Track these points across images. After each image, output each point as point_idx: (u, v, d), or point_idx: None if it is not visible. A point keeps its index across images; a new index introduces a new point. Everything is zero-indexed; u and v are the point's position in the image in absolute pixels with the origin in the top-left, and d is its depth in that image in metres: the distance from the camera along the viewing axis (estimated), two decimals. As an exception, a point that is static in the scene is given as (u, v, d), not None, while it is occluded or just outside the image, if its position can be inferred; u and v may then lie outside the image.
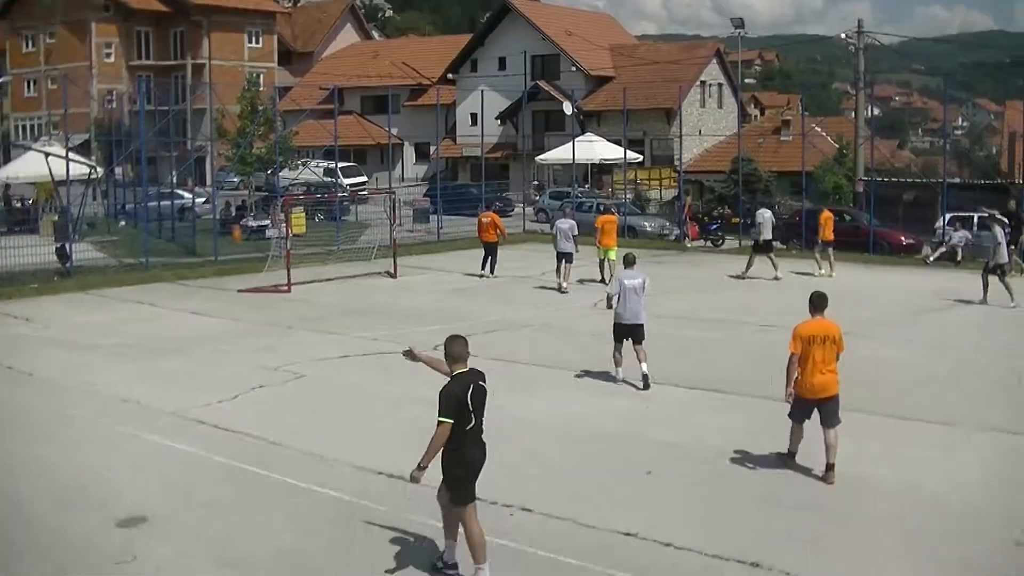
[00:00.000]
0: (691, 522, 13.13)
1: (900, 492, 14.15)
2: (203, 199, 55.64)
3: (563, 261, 33.82)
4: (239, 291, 33.22)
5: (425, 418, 17.51)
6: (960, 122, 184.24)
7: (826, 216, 37.99)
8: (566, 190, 59.51)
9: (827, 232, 37.39)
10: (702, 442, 16.53)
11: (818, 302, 15.59)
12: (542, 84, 78.44)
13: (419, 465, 11.37)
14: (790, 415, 15.33)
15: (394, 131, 71.56)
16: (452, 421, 11.11)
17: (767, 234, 36.72)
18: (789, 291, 32.93)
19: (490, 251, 36.69)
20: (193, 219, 46.54)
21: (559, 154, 64.97)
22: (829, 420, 15.02)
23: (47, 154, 45.34)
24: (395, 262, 36.79)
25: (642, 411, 18.48)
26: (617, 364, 21.11)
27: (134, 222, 50.89)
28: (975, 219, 41.84)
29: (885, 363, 22.52)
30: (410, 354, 12.62)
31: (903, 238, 43.56)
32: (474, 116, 75.29)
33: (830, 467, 14.81)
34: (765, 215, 37.37)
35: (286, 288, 32.93)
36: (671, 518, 13.25)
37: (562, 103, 72.76)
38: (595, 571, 11.78)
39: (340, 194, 51.78)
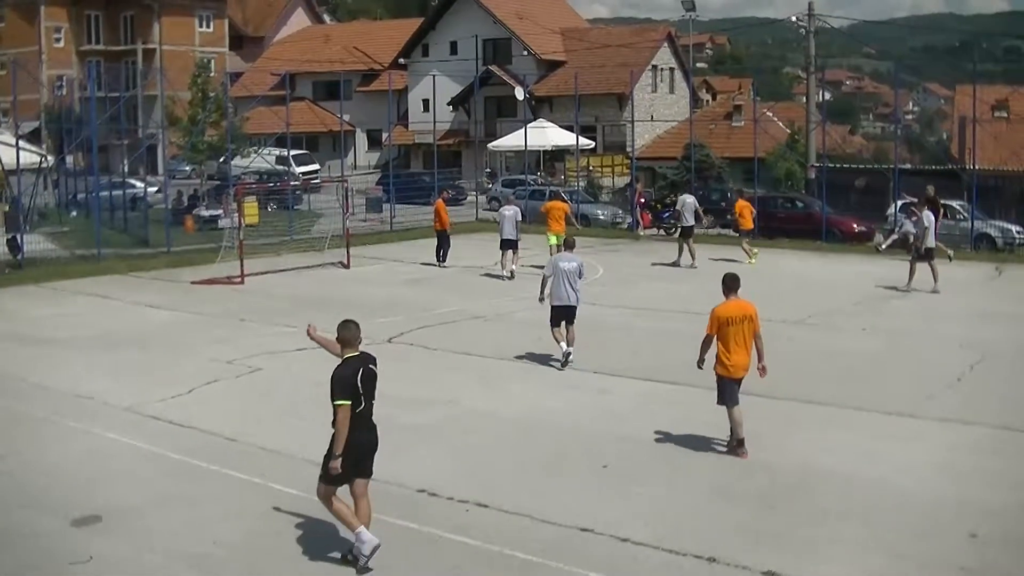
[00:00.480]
0: (649, 516, 13.17)
1: (858, 485, 14.23)
2: (155, 188, 55.26)
3: (508, 249, 33.79)
4: (192, 283, 33.05)
5: (379, 412, 17.54)
6: (911, 107, 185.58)
7: (742, 204, 38.99)
8: (519, 177, 59.44)
9: (747, 221, 38.30)
10: (659, 435, 16.59)
11: (731, 283, 16.14)
12: (494, 69, 78.28)
13: (333, 455, 11.69)
14: (723, 402, 15.80)
15: (346, 117, 71.54)
16: (350, 403, 11.47)
17: (689, 220, 37.14)
18: (743, 279, 33.08)
19: (440, 239, 36.73)
20: (145, 209, 46.23)
21: (511, 141, 65.02)
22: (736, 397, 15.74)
23: (-3, 143, 44.97)
24: (348, 252, 36.69)
25: (599, 404, 18.53)
26: (559, 340, 21.50)
27: (86, 212, 50.48)
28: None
29: (839, 353, 22.70)
30: (309, 333, 12.88)
31: (855, 225, 43.75)
32: (426, 102, 75.08)
33: (741, 442, 15.54)
34: (687, 201, 37.96)
35: (239, 280, 32.79)
36: (629, 513, 13.29)
37: (514, 88, 72.76)
38: (553, 567, 11.80)
39: (293, 183, 51.49)
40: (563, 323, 21.50)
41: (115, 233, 45.20)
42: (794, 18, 55.14)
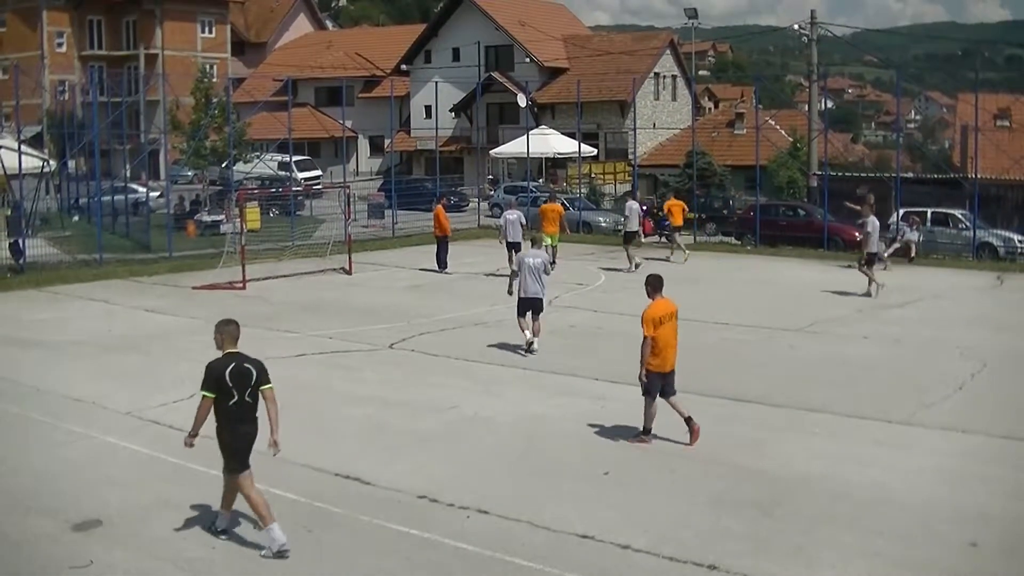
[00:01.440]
0: (648, 523, 13.16)
1: (857, 492, 14.22)
2: (157, 193, 55.27)
3: (513, 251, 33.69)
4: (193, 288, 33.04)
5: (380, 417, 17.57)
6: (913, 115, 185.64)
7: (672, 203, 40.81)
8: (521, 184, 59.46)
9: (676, 218, 39.99)
10: (659, 442, 16.55)
11: (657, 284, 16.68)
12: (496, 76, 78.20)
13: (189, 433, 12.67)
14: (647, 393, 16.30)
15: (348, 123, 71.44)
16: (212, 395, 12.38)
17: (633, 226, 38.07)
18: (742, 288, 33.14)
19: (440, 245, 36.78)
20: (147, 214, 46.22)
21: (513, 147, 65.06)
22: (673, 390, 16.58)
23: (-1, 147, 45.01)
24: (350, 258, 36.69)
25: (598, 411, 18.49)
26: (523, 329, 23.57)
27: (87, 217, 50.50)
28: (928, 214, 42.24)
29: (840, 360, 22.70)
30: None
31: (857, 234, 43.64)
32: (428, 108, 75.02)
33: (689, 419, 16.46)
34: (632, 207, 38.79)
35: (241, 285, 32.80)
36: (628, 520, 13.28)
37: (516, 95, 72.75)
38: (552, 573, 11.79)
39: (294, 188, 51.49)
40: (529, 314, 23.45)
41: (116, 238, 45.23)
42: (796, 26, 55.07)
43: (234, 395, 12.45)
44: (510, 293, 24.53)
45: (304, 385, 20.60)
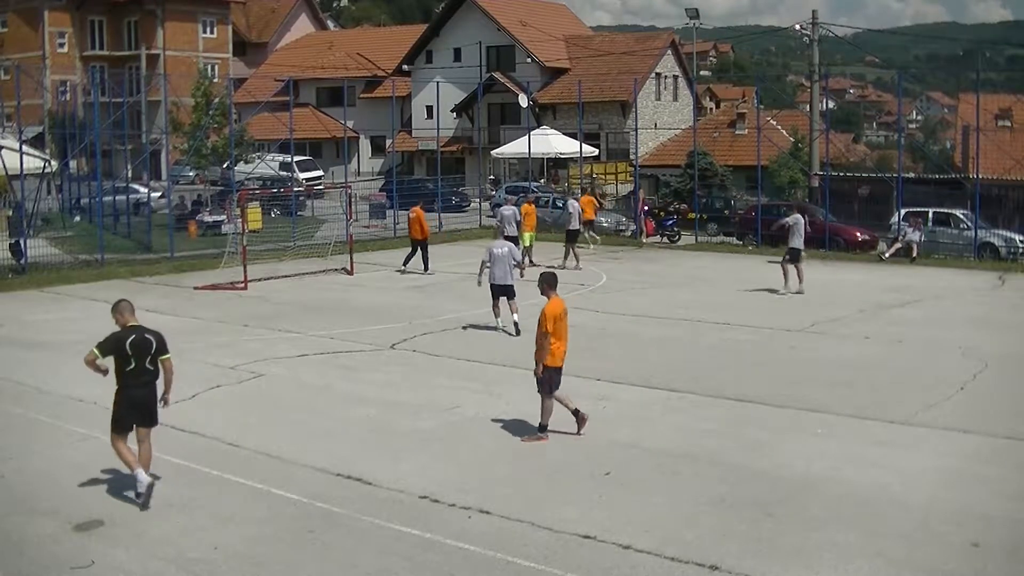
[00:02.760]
0: (650, 524, 13.15)
1: (858, 493, 14.20)
2: (158, 194, 55.27)
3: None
4: (195, 288, 33.08)
5: (382, 418, 17.58)
6: (914, 115, 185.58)
7: (586, 199, 42.15)
8: (523, 184, 59.46)
9: (588, 212, 41.47)
10: (661, 443, 16.57)
11: (552, 281, 17.47)
12: (497, 76, 78.16)
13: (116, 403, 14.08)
14: (545, 390, 16.65)
15: (350, 124, 71.39)
16: (99, 354, 13.91)
17: (575, 224, 38.40)
18: (738, 288, 33.11)
19: (417, 248, 36.78)
20: (148, 214, 46.23)
21: (515, 148, 65.09)
22: (559, 384, 16.98)
23: (0, 147, 44.98)
24: (351, 258, 36.70)
25: (600, 411, 18.48)
26: (496, 315, 25.84)
27: (89, 217, 50.51)
28: (930, 214, 42.25)
29: (842, 361, 22.69)
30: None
31: (858, 234, 43.71)
32: (429, 109, 74.93)
33: (577, 410, 16.92)
34: (575, 206, 39.24)
35: (242, 285, 32.82)
36: (630, 520, 13.27)
37: (518, 95, 72.72)
38: (553, 574, 11.78)
39: (296, 189, 51.49)
40: (503, 299, 25.44)
41: (118, 238, 45.26)
42: (798, 26, 55.06)
43: (132, 362, 13.92)
44: (479, 283, 26.38)
45: (305, 385, 20.66)
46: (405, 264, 36.55)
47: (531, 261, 35.82)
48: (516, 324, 25.08)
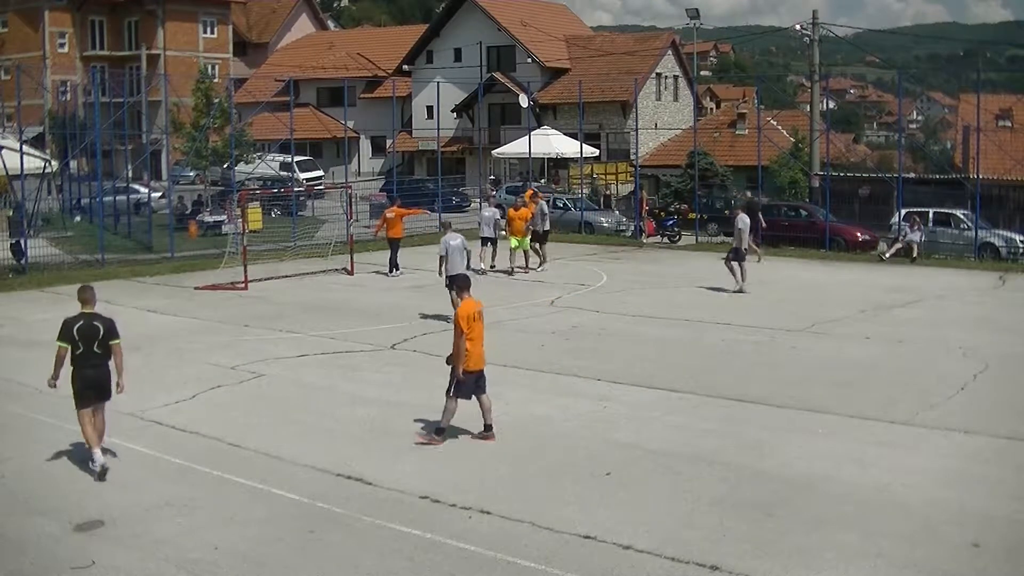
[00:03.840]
0: (650, 524, 13.15)
1: (859, 493, 14.21)
2: (159, 194, 55.26)
3: (484, 245, 36.86)
4: (196, 288, 33.09)
5: (382, 418, 17.60)
6: (915, 116, 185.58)
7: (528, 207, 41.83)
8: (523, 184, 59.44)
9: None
10: (661, 443, 16.57)
11: (466, 284, 17.38)
12: (498, 76, 78.11)
13: (51, 376, 15.26)
14: (459, 393, 16.55)
15: (350, 124, 71.37)
16: (66, 345, 15.11)
17: (486, 232, 38.02)
18: (739, 288, 33.12)
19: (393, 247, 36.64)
20: (149, 214, 46.22)
21: (515, 148, 65.05)
22: (485, 387, 16.91)
23: (0, 148, 44.96)
24: (352, 259, 36.69)
25: (601, 411, 18.51)
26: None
27: (89, 217, 50.51)
28: (930, 214, 42.24)
29: (842, 361, 22.69)
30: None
31: (859, 234, 43.69)
32: (430, 109, 74.90)
33: (488, 427, 16.81)
34: (484, 214, 38.97)
35: (243, 285, 32.82)
36: (630, 520, 13.27)
37: (518, 95, 72.70)
38: (554, 574, 11.79)
39: (296, 189, 51.47)
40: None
41: (118, 238, 45.29)
42: (798, 26, 54.96)
43: (80, 346, 15.09)
44: (441, 275, 27.40)
45: (306, 385, 20.67)
46: (391, 269, 36.34)
47: (517, 267, 36.62)
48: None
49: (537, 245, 37.61)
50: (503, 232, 37.72)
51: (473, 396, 16.77)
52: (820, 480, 14.76)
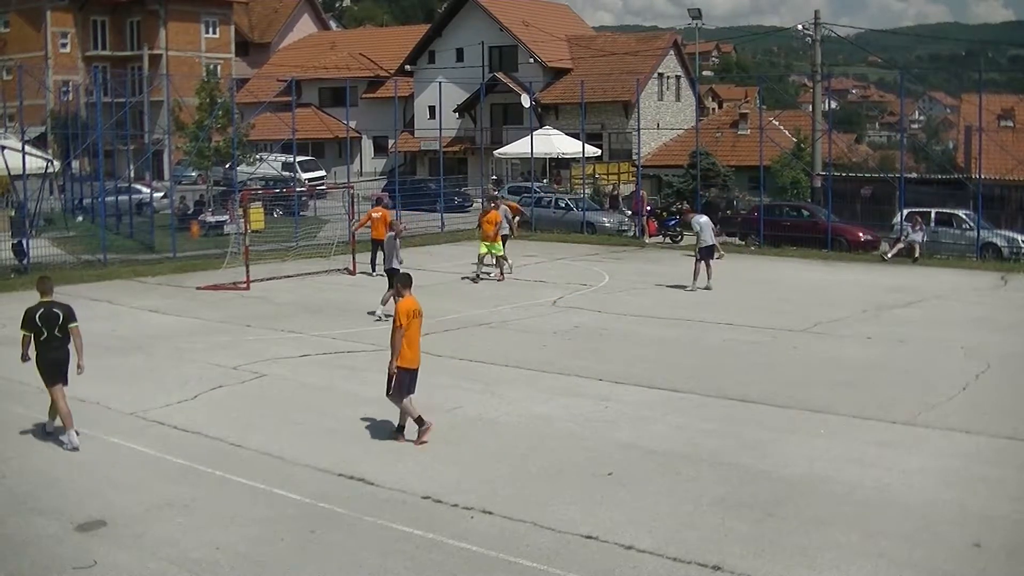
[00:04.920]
0: (652, 524, 13.15)
1: (859, 493, 14.20)
2: (161, 194, 55.26)
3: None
4: (197, 288, 33.08)
5: (383, 418, 17.59)
6: (917, 116, 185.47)
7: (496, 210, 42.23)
8: (525, 185, 59.48)
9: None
10: (662, 443, 16.57)
11: (407, 282, 17.79)
12: (500, 76, 78.21)
13: (21, 356, 16.83)
14: (400, 390, 16.66)
15: (352, 124, 71.42)
16: (29, 332, 16.56)
17: (506, 229, 38.28)
18: (746, 288, 33.13)
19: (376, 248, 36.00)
20: (151, 214, 46.24)
21: (517, 148, 65.09)
22: (414, 390, 17.00)
23: (2, 148, 44.97)
24: (354, 259, 36.69)
25: (602, 411, 18.50)
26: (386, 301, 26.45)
27: (91, 217, 50.51)
28: (932, 215, 42.22)
29: (843, 361, 22.68)
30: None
31: (860, 234, 43.65)
32: (432, 109, 75.03)
33: (401, 428, 16.98)
34: (505, 212, 39.23)
35: (245, 285, 32.81)
36: (632, 520, 13.27)
37: (520, 96, 72.72)
38: (555, 574, 11.78)
39: (298, 189, 51.46)
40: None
41: (120, 238, 45.27)
42: (800, 26, 54.97)
43: (43, 332, 16.50)
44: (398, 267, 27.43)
45: (308, 385, 20.67)
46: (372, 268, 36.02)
47: (482, 274, 35.24)
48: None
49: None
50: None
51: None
52: (821, 480, 14.75)
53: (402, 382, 16.63)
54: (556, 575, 11.78)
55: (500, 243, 35.54)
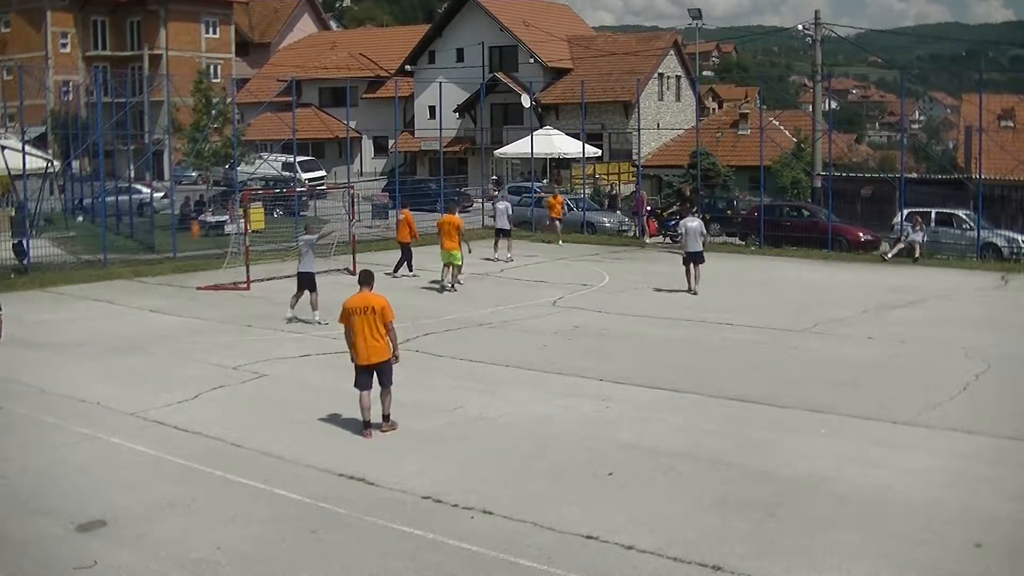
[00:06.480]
0: (652, 524, 13.14)
1: (861, 493, 14.20)
2: (161, 194, 55.26)
3: (500, 236, 38.66)
4: (198, 288, 33.08)
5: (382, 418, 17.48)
6: (917, 116, 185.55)
7: (551, 199, 46.03)
8: (525, 185, 59.45)
9: (554, 211, 45.94)
10: (663, 443, 16.55)
11: (365, 278, 17.65)
12: (500, 76, 78.23)
13: None
14: (356, 384, 16.98)
15: (352, 124, 71.42)
16: None
17: (502, 223, 39.23)
18: (746, 288, 33.14)
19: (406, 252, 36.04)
20: (151, 215, 46.22)
21: (518, 148, 65.07)
22: (384, 381, 17.15)
23: (2, 148, 44.97)
24: (354, 259, 36.62)
25: (603, 411, 18.49)
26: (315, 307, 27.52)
27: (91, 217, 50.51)
28: (932, 215, 42.20)
29: (844, 361, 22.66)
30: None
31: (861, 234, 43.62)
32: (432, 109, 75.07)
33: (386, 417, 17.23)
34: (499, 207, 40.19)
35: (245, 285, 32.80)
36: (633, 520, 13.26)
37: (520, 96, 72.73)
38: (556, 574, 11.77)
39: (298, 189, 51.42)
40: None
41: (121, 238, 45.27)
42: (800, 27, 54.94)
43: None
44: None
45: (308, 386, 20.66)
46: (396, 270, 35.95)
47: (452, 285, 32.91)
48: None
49: (501, 242, 39.00)
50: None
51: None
52: (822, 480, 14.75)
53: (357, 376, 17.07)
54: (556, 575, 11.77)
55: (459, 252, 33.09)
